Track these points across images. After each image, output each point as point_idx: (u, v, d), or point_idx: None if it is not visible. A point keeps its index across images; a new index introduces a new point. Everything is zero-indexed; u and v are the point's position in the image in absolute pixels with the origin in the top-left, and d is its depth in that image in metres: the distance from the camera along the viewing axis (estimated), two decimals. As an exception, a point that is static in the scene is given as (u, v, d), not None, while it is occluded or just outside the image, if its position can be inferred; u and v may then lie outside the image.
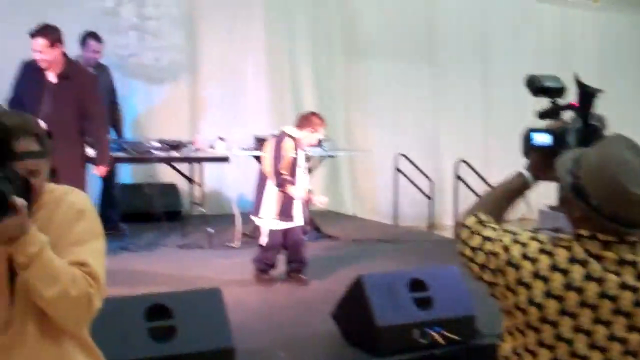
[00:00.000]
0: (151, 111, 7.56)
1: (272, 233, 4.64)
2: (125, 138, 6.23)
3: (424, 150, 9.00)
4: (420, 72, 9.09)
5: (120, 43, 6.70)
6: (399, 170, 8.23)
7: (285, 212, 4.61)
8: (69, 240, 1.65)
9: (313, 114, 4.77)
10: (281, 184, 4.56)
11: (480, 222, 1.75)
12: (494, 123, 9.52)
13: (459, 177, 7.70)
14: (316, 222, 6.58)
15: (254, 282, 4.78)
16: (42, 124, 2.01)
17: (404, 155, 8.24)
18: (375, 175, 8.84)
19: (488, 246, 1.67)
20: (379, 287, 3.55)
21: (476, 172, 7.81)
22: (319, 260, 5.35)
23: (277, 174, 4.57)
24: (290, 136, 4.59)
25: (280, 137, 4.60)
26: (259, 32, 8.00)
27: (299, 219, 4.69)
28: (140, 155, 5.64)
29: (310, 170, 4.91)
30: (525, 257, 1.61)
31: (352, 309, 3.62)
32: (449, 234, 7.68)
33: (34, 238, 1.54)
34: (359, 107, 8.80)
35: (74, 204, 1.71)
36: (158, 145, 5.78)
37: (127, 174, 7.36)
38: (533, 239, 1.62)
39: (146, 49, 6.98)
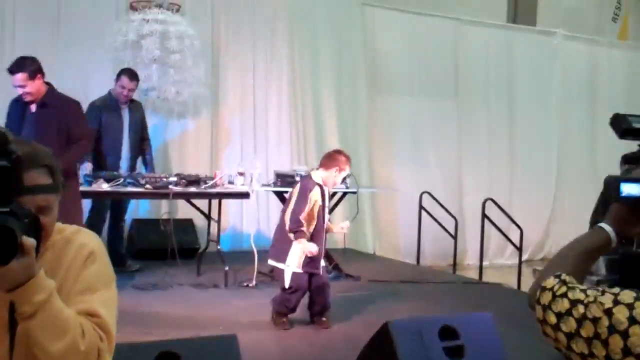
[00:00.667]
0: (171, 145, 7.51)
1: (296, 275, 4.47)
2: (141, 172, 6.15)
3: (447, 188, 8.90)
4: (445, 110, 9.02)
5: (142, 76, 6.61)
6: (423, 208, 8.10)
7: (312, 263, 4.47)
8: (79, 286, 1.52)
9: (339, 152, 4.65)
10: (296, 234, 4.42)
11: (564, 283, 1.45)
12: (519, 161, 9.41)
13: (486, 216, 7.53)
14: (336, 261, 6.38)
15: (272, 326, 4.61)
16: None
17: (427, 193, 8.11)
18: (397, 212, 8.74)
19: (580, 310, 1.37)
20: (407, 334, 3.35)
21: (504, 211, 7.65)
22: (339, 302, 5.18)
23: (295, 219, 4.42)
24: (318, 184, 4.48)
25: (306, 183, 4.50)
26: (282, 66, 7.98)
27: (323, 261, 4.59)
28: (157, 190, 5.50)
29: (331, 210, 4.71)
30: (634, 321, 1.30)
31: (378, 357, 3.40)
32: (473, 273, 7.54)
33: (41, 284, 1.38)
34: (383, 143, 8.75)
35: (84, 245, 1.58)
36: (175, 179, 5.65)
37: (143, 208, 7.27)
38: (638, 299, 1.33)
39: (168, 82, 6.94)
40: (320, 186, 4.48)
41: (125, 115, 6.06)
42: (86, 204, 6.37)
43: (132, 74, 5.95)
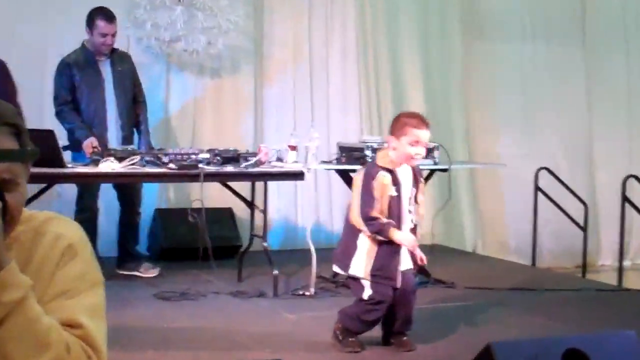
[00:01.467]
0: (201, 111, 7.59)
1: (377, 284, 4.37)
2: (162, 147, 6.20)
3: (573, 164, 8.84)
4: (568, 60, 8.92)
5: (161, 22, 6.58)
6: (539, 189, 7.97)
7: (383, 270, 4.34)
8: (54, 289, 1.54)
9: (408, 115, 4.46)
10: (378, 230, 4.30)
11: None
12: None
13: (627, 200, 7.38)
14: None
15: (335, 348, 4.54)
16: None
17: (546, 170, 7.99)
18: (505, 196, 8.69)
19: None
20: None
21: None
22: (426, 316, 5.14)
23: (368, 219, 4.29)
24: (383, 168, 4.33)
25: (368, 170, 4.39)
26: (348, 7, 8.06)
27: (406, 263, 4.45)
28: (183, 171, 5.50)
29: (416, 200, 4.56)
30: None
31: None
32: (610, 278, 7.45)
33: (12, 279, 1.40)
34: (484, 105, 8.69)
35: (59, 237, 1.59)
36: (207, 157, 5.67)
37: (163, 196, 7.38)
38: None
39: (196, 29, 6.98)
40: (391, 171, 4.34)
41: (106, 70, 6.08)
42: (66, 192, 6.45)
43: (108, 15, 5.97)
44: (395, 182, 4.32)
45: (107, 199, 6.43)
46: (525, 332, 4.74)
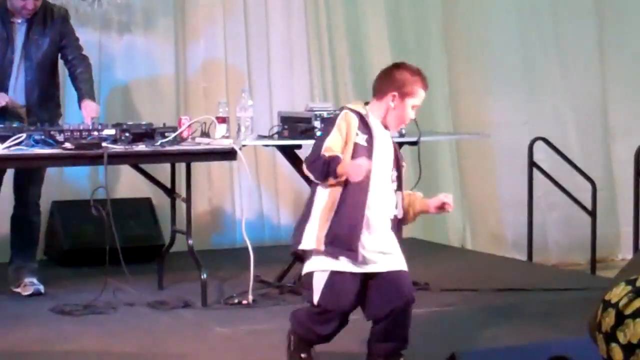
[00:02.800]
0: (106, 78, 7.62)
1: (333, 280, 4.33)
2: (57, 123, 6.21)
3: (580, 134, 8.98)
4: (577, 6, 9.06)
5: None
6: (535, 165, 8.14)
7: (340, 238, 4.30)
8: None
9: (414, 71, 4.50)
10: (324, 169, 4.25)
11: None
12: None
13: None
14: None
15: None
16: None
17: (544, 141, 8.15)
18: (496, 175, 8.85)
19: None
20: None
21: None
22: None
23: (315, 159, 4.28)
24: (353, 110, 4.41)
25: (333, 118, 4.47)
26: None
27: (386, 242, 4.41)
28: (83, 152, 5.56)
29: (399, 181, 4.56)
30: None
31: None
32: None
33: None
34: (470, 63, 8.82)
35: None
36: (112, 133, 5.72)
37: (63, 185, 7.45)
38: None
39: None
40: (362, 116, 4.38)
41: (19, 34, 6.14)
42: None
43: None
44: (366, 131, 4.35)
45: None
46: (508, 343, 4.80)
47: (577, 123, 9.00)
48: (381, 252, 4.35)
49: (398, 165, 4.46)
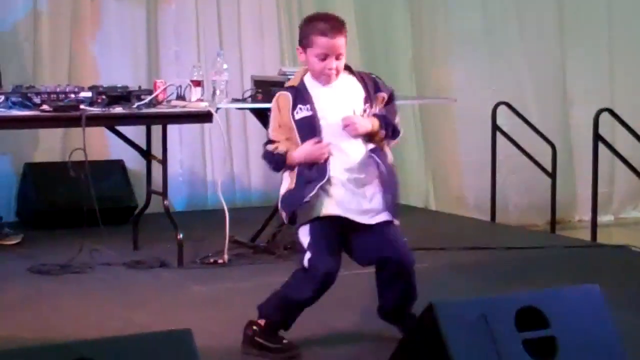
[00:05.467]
0: (78, 41, 7.60)
1: (314, 228, 4.25)
2: (31, 85, 6.18)
3: (540, 100, 9.08)
4: None
5: None
6: (498, 128, 8.25)
7: (307, 172, 4.24)
8: None
9: (314, 19, 4.34)
10: (275, 166, 4.34)
11: None
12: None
13: (600, 138, 7.66)
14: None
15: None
16: None
17: (506, 105, 8.25)
18: (462, 141, 8.95)
19: None
20: (464, 322, 3.53)
21: (629, 129, 7.82)
22: (361, 283, 5.15)
23: (266, 154, 4.36)
24: (287, 88, 4.38)
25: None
26: None
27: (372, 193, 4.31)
28: (61, 114, 5.60)
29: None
30: None
31: (420, 357, 3.60)
32: (586, 234, 7.69)
33: None
34: (434, 28, 8.89)
35: None
36: (89, 95, 5.76)
37: (33, 147, 7.43)
38: None
39: None
40: (294, 88, 4.30)
41: None
42: None
43: None
44: (305, 100, 4.25)
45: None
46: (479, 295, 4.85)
47: (537, 89, 9.08)
48: (363, 211, 4.27)
49: (370, 100, 4.29)
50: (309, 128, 4.22)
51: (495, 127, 8.22)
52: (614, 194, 9.34)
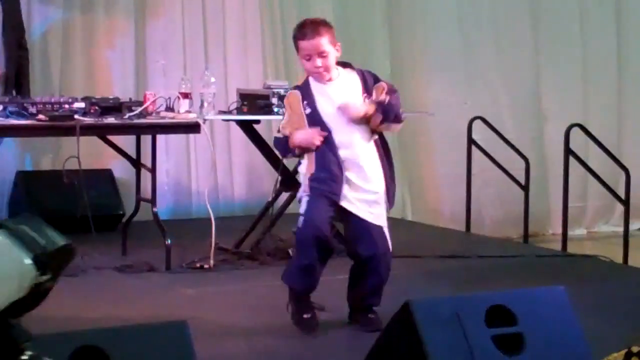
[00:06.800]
0: (69, 54, 7.79)
1: (309, 204, 4.70)
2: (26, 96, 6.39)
3: (515, 115, 9.26)
4: None
5: None
6: (473, 142, 8.35)
7: (324, 171, 4.67)
8: None
9: (297, 26, 4.80)
10: (280, 147, 4.88)
11: None
12: (632, 69, 9.77)
13: (571, 152, 7.77)
14: (338, 229, 6.67)
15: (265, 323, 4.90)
16: None
17: (481, 120, 8.36)
18: (438, 155, 9.11)
19: None
20: (438, 319, 3.71)
21: (599, 144, 7.93)
22: (339, 289, 5.36)
23: (275, 139, 4.93)
24: (295, 87, 4.88)
25: None
26: None
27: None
28: (56, 123, 5.75)
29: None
30: None
31: (396, 353, 3.76)
32: (559, 247, 7.81)
33: None
34: (411, 40, 9.04)
35: None
36: (83, 106, 5.92)
37: (24, 156, 7.61)
38: None
39: None
40: (300, 87, 4.79)
41: None
42: None
43: None
44: (308, 99, 4.69)
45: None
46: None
47: (512, 104, 9.17)
48: (364, 201, 4.70)
49: (367, 91, 4.70)
50: (315, 122, 4.66)
51: (470, 141, 8.32)
52: (586, 208, 9.40)
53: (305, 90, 4.73)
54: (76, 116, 5.84)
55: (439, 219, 8.91)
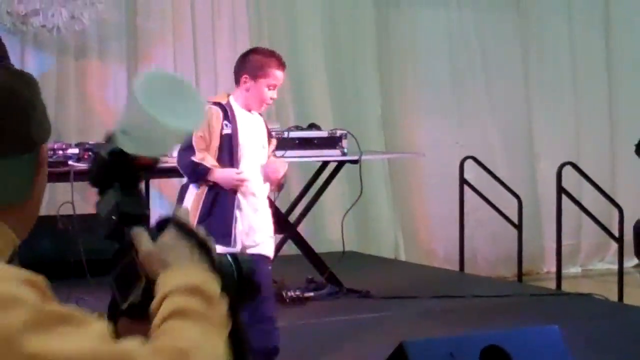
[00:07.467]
0: (64, 100, 7.84)
1: None
2: None
3: (507, 155, 9.30)
4: (503, 28, 9.41)
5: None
6: (465, 182, 8.36)
7: (218, 227, 4.48)
8: None
9: (265, 53, 4.79)
10: (198, 174, 4.59)
11: None
12: (622, 109, 9.78)
13: (564, 190, 7.80)
14: (332, 271, 6.73)
15: None
16: None
17: (473, 159, 8.40)
18: (430, 195, 9.11)
19: None
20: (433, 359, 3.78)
21: (591, 182, 7.98)
22: (336, 330, 5.51)
23: (186, 162, 4.60)
24: (214, 103, 4.66)
25: None
26: None
27: (260, 238, 4.70)
28: (50, 169, 5.71)
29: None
30: None
31: None
32: (553, 285, 7.84)
33: None
34: (402, 82, 9.08)
35: None
36: (76, 152, 5.98)
37: None
38: None
39: (56, 1, 7.23)
40: (221, 106, 4.62)
41: None
42: None
43: None
44: (230, 119, 4.57)
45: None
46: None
47: (504, 143, 9.21)
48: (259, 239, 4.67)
49: (269, 138, 4.81)
50: (229, 145, 4.58)
51: (462, 181, 8.32)
52: (580, 246, 9.40)
53: (226, 111, 4.62)
54: (70, 162, 5.88)
55: (433, 259, 8.91)
